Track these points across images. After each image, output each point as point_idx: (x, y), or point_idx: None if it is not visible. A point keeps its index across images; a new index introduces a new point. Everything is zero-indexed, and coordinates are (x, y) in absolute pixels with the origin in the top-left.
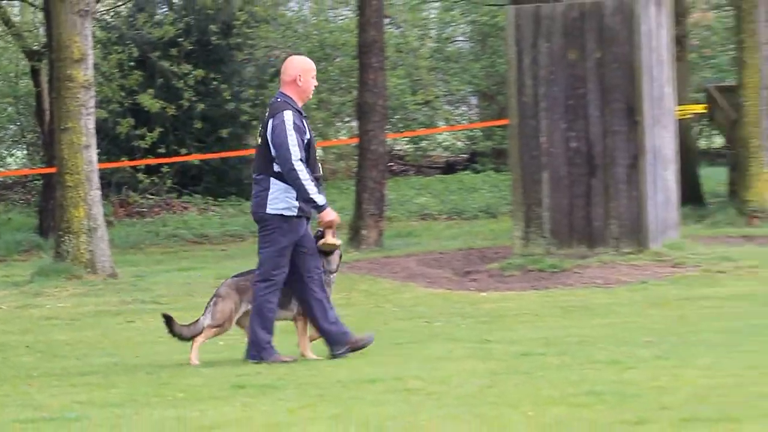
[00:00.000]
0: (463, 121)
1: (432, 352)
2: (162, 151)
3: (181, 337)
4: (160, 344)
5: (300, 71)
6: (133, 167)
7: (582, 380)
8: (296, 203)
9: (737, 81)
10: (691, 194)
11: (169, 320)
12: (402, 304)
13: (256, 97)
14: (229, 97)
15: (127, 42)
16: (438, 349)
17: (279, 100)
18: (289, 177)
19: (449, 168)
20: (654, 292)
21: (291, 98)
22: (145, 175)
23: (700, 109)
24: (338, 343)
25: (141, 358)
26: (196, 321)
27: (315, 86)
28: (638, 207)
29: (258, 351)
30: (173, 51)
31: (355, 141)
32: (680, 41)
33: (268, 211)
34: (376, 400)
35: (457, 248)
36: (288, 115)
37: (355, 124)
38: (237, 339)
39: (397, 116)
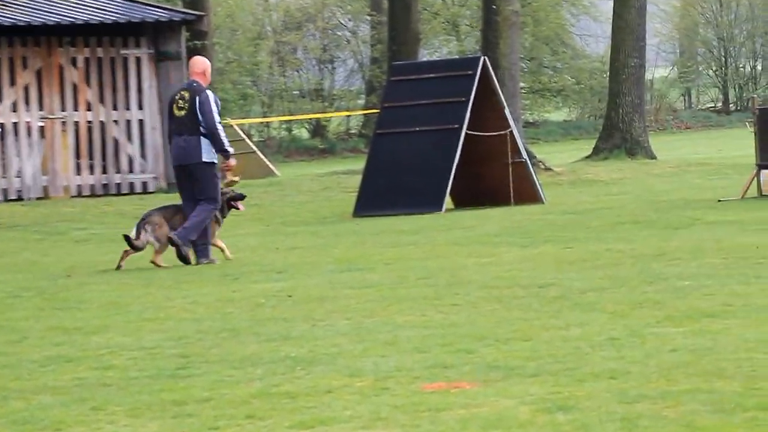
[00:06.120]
0: None
1: None
2: None
3: (137, 249)
4: None
5: (206, 67)
6: None
7: None
8: (215, 153)
9: None
10: None
11: (127, 237)
12: None
13: None
14: None
15: None
16: None
17: (195, 84)
18: (212, 134)
19: None
20: None
21: (201, 84)
22: None
23: None
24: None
25: None
26: (138, 237)
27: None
28: None
29: (184, 238)
30: None
31: None
32: None
33: (204, 159)
34: None
35: None
36: (210, 94)
37: None
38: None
39: None
